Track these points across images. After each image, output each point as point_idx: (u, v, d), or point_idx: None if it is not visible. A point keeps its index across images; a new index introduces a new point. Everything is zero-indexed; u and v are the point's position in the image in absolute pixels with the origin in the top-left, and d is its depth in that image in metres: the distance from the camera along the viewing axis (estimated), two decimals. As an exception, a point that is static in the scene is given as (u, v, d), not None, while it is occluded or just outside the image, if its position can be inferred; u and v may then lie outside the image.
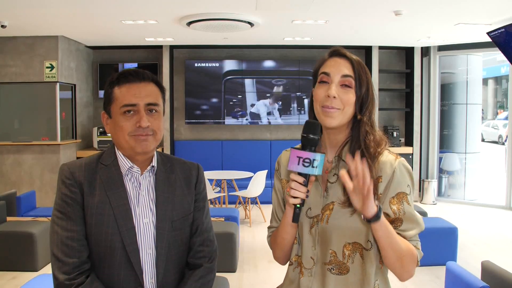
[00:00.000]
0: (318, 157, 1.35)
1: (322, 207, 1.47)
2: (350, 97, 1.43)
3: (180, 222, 1.62)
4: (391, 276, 1.52)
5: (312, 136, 1.38)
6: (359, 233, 1.43)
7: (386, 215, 1.41)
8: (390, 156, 1.46)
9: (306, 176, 1.36)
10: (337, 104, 1.42)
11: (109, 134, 1.61)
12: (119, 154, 1.59)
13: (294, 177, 1.36)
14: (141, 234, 1.55)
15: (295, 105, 8.72)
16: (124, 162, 1.58)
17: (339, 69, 1.44)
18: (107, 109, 1.57)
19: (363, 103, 1.46)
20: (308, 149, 1.37)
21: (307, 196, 1.37)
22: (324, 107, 1.43)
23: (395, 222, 1.42)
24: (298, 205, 1.38)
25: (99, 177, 1.54)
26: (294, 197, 1.37)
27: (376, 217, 1.31)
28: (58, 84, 7.43)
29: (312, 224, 1.48)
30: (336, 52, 1.48)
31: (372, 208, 1.30)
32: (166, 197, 1.61)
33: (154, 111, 1.55)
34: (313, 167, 1.35)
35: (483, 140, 19.18)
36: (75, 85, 7.99)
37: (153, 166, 1.62)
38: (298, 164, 1.35)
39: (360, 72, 1.45)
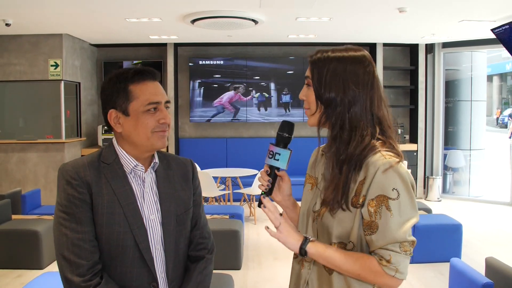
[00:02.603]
0: (280, 152, 1.51)
1: (322, 203, 1.47)
2: (310, 95, 1.46)
3: (183, 217, 1.65)
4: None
5: (283, 134, 1.52)
6: (343, 233, 1.40)
7: (362, 217, 1.38)
8: (380, 158, 1.36)
9: (270, 167, 1.53)
10: (305, 104, 1.49)
11: (119, 132, 1.58)
12: (121, 153, 1.59)
13: (264, 167, 1.55)
14: (150, 231, 1.57)
15: (301, 102, 8.71)
16: (128, 161, 1.58)
17: (307, 71, 1.49)
18: (122, 107, 1.54)
19: (326, 100, 1.42)
20: (281, 145, 1.52)
21: (268, 186, 1.52)
22: None
23: (371, 227, 1.35)
24: (263, 192, 1.53)
25: (104, 176, 1.54)
26: (259, 184, 1.54)
27: (301, 252, 1.41)
28: (62, 82, 7.45)
29: (313, 218, 1.50)
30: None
31: (291, 245, 1.42)
32: (168, 193, 1.63)
33: (167, 108, 1.60)
34: (275, 159, 1.51)
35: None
36: (79, 83, 8.02)
37: (156, 163, 1.64)
38: (266, 156, 1.53)
39: (315, 69, 1.44)
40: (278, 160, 1.50)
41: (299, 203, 1.65)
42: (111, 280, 1.50)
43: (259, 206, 1.52)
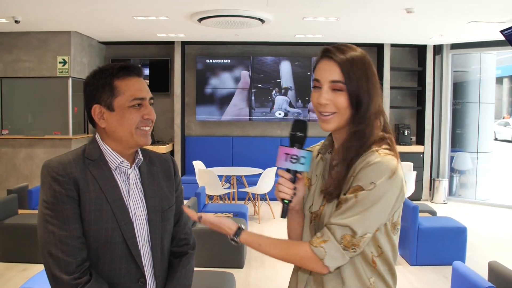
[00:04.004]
0: (305, 154, 1.39)
1: (321, 204, 1.47)
2: (342, 100, 1.38)
3: (167, 213, 1.66)
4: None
5: (299, 134, 1.42)
6: None
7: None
8: (374, 154, 1.36)
9: (293, 172, 1.41)
10: (330, 108, 1.40)
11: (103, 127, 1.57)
12: (106, 149, 1.58)
13: (282, 173, 1.41)
14: (137, 227, 1.57)
15: (307, 102, 8.70)
16: (113, 157, 1.58)
17: (327, 74, 1.40)
18: (107, 102, 1.54)
19: (358, 102, 1.39)
20: (296, 147, 1.41)
21: (294, 194, 1.42)
22: (320, 113, 1.42)
23: (339, 204, 1.37)
24: (286, 201, 1.42)
25: (90, 173, 1.53)
26: (282, 193, 1.42)
27: (233, 238, 1.47)
28: (70, 79, 7.50)
29: (311, 219, 1.49)
30: (324, 53, 1.42)
31: (226, 229, 1.48)
32: (153, 189, 1.64)
33: (151, 105, 1.60)
34: (300, 163, 1.39)
35: (495, 139, 19.04)
36: (87, 80, 8.05)
37: (140, 159, 1.64)
38: (286, 160, 1.39)
39: (350, 72, 1.38)
40: (303, 164, 1.39)
41: None
42: (100, 277, 1.50)
43: (283, 217, 1.45)
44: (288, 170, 1.41)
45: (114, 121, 1.55)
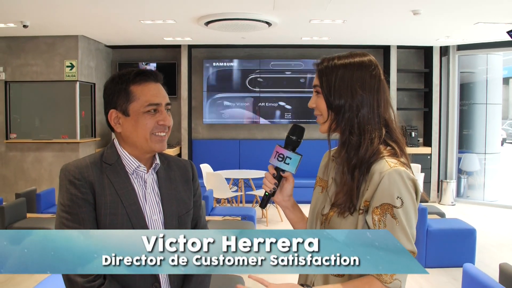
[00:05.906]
0: (291, 156, 1.51)
1: (331, 207, 1.47)
2: (320, 103, 1.48)
3: (184, 218, 1.66)
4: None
5: (293, 137, 1.53)
6: None
7: (367, 225, 1.37)
8: (384, 165, 1.36)
9: (277, 169, 1.53)
10: (316, 111, 1.51)
11: (119, 132, 1.59)
12: (123, 154, 1.59)
13: (269, 168, 1.55)
14: None
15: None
16: (130, 162, 1.59)
17: (314, 80, 1.51)
18: (122, 107, 1.56)
19: (335, 105, 1.44)
20: (289, 149, 1.52)
21: (274, 188, 1.54)
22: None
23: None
24: (266, 193, 1.56)
25: (107, 177, 1.54)
26: (264, 185, 1.56)
27: None
28: (78, 83, 7.54)
29: (322, 221, 1.50)
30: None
31: None
32: (170, 194, 1.64)
33: (168, 110, 1.61)
34: (285, 163, 1.51)
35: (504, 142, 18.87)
36: (94, 84, 8.10)
37: (157, 164, 1.64)
38: (274, 157, 1.53)
39: (324, 77, 1.46)
40: (288, 164, 1.51)
41: (302, 205, 1.66)
42: (114, 280, 1.50)
43: (261, 206, 1.59)
44: (277, 168, 1.53)
45: (129, 126, 1.56)
